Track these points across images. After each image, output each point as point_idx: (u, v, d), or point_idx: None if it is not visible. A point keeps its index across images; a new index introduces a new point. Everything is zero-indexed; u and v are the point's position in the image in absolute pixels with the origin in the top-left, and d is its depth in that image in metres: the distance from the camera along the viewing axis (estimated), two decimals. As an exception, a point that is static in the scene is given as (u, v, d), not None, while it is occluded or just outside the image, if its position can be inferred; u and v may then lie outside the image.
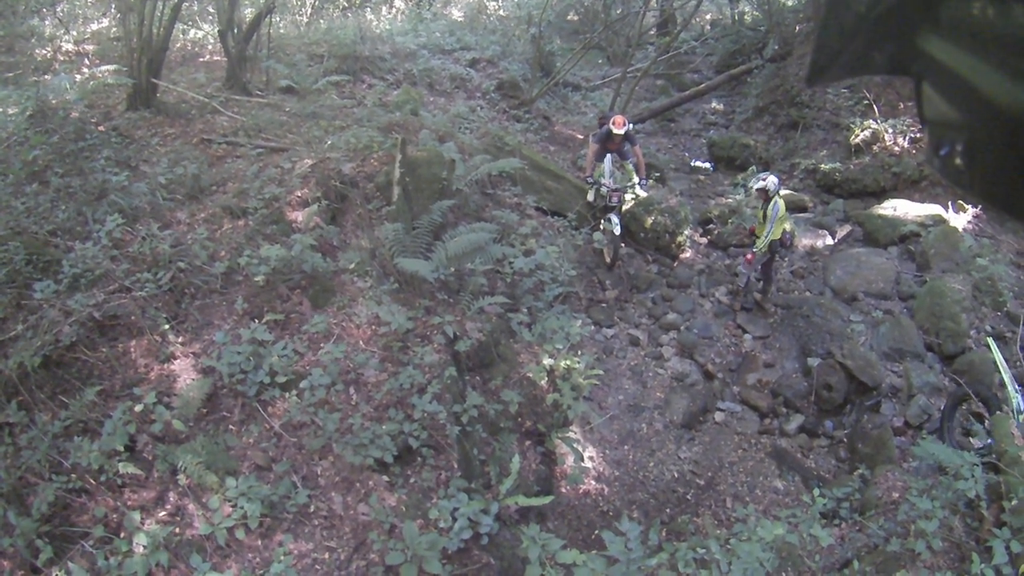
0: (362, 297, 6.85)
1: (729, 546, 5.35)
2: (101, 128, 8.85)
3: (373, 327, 6.60)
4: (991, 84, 0.57)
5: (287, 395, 6.04)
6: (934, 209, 10.94)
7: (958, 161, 0.66)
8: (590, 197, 10.25)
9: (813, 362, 8.66)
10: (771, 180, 8.82)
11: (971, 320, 8.90)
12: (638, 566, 4.97)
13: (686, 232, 10.81)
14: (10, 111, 8.23)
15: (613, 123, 9.56)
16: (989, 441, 6.55)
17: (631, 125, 9.94)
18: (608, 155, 10.00)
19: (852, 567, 5.66)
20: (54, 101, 8.61)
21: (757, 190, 8.91)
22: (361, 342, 6.49)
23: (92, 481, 5.45)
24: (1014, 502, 5.62)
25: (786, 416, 8.20)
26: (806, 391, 8.41)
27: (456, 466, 6.03)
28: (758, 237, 8.99)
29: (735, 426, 8.02)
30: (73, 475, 5.43)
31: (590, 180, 9.93)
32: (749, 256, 9.20)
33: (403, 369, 6.17)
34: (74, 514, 5.38)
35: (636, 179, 9.92)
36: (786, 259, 10.61)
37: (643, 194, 10.21)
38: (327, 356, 6.13)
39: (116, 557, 5.06)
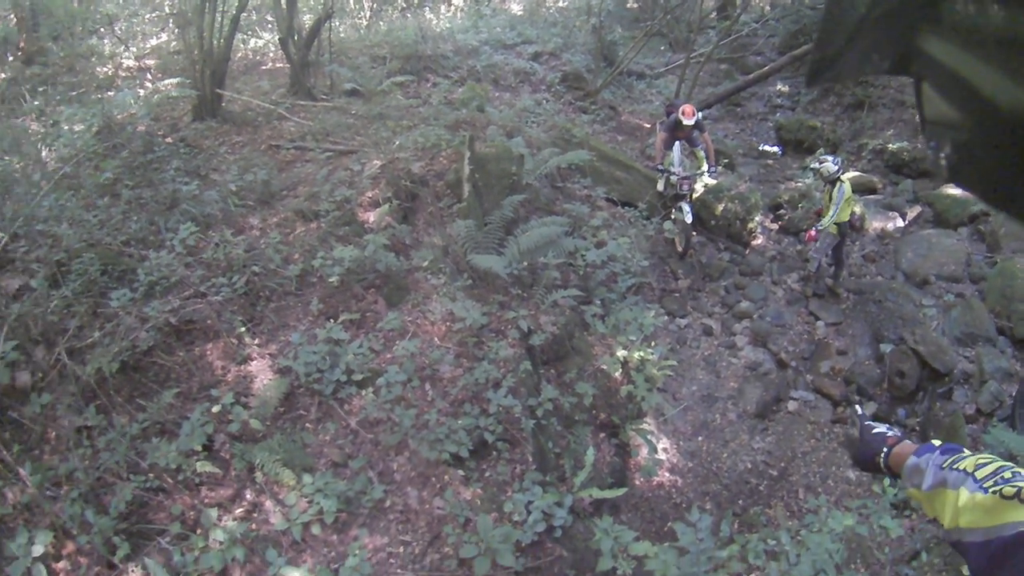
0: (436, 294, 6.94)
1: (799, 537, 5.31)
2: (168, 140, 9.09)
3: (448, 323, 6.69)
4: (991, 84, 0.57)
5: (363, 392, 6.15)
6: (1003, 187, 10.60)
7: (958, 161, 0.66)
8: (660, 186, 10.19)
9: (886, 348, 8.52)
10: (827, 164, 8.82)
11: (1045, 301, 8.63)
12: (708, 556, 4.98)
13: (757, 218, 10.69)
14: (76, 128, 8.51)
15: (682, 113, 9.43)
16: None
17: (700, 115, 9.81)
18: (677, 143, 9.91)
19: (920, 559, 5.59)
20: (119, 116, 8.90)
21: (816, 171, 9.18)
22: (436, 338, 6.59)
23: (169, 480, 5.62)
24: None
25: (859, 404, 8.03)
26: (879, 378, 8.28)
27: (531, 459, 6.08)
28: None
29: (808, 415, 7.90)
30: (151, 475, 5.61)
31: (660, 169, 9.83)
32: (811, 233, 9.19)
33: (478, 364, 6.24)
34: (151, 512, 5.55)
35: (706, 167, 9.84)
36: (856, 243, 10.45)
37: (712, 181, 10.14)
38: (402, 353, 6.24)
39: (192, 553, 5.21)
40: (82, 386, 5.91)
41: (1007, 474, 1.31)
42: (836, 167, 8.76)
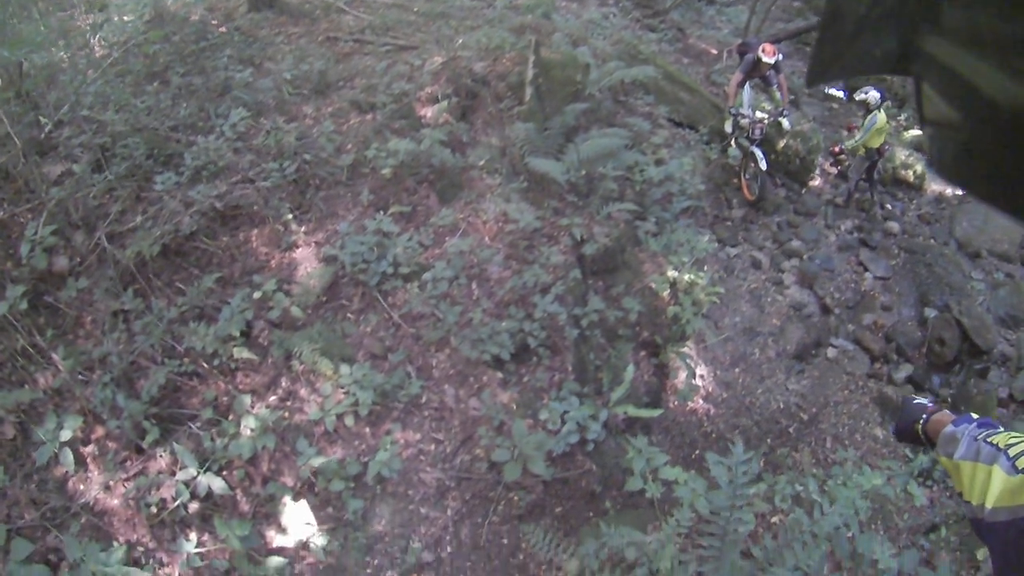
0: (490, 194, 6.82)
1: (826, 488, 5.25)
2: (223, 29, 8.95)
3: (500, 224, 6.57)
4: (991, 84, 0.56)
5: (408, 286, 6.09)
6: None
7: (958, 161, 0.65)
8: (728, 127, 9.84)
9: (930, 313, 8.36)
10: (872, 94, 9.15)
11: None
12: (738, 492, 4.94)
13: (817, 160, 10.39)
14: (126, 18, 8.38)
15: (763, 50, 9.04)
16: None
17: (781, 55, 9.42)
18: (747, 85, 9.56)
19: (939, 533, 5.52)
20: (172, 5, 8.72)
21: (859, 101, 9.31)
22: (487, 238, 6.49)
23: (204, 365, 5.63)
24: None
25: (896, 364, 7.95)
26: (919, 341, 8.13)
27: (570, 369, 6.03)
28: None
29: (845, 365, 7.77)
30: (186, 359, 5.63)
31: (731, 111, 9.45)
32: (836, 147, 10.21)
33: (527, 268, 6.15)
34: (184, 397, 5.59)
35: (781, 108, 9.52)
36: (914, 201, 10.29)
37: (788, 127, 9.81)
38: (452, 250, 6.16)
39: (223, 439, 5.25)
40: (121, 270, 5.91)
41: None
42: (877, 98, 9.09)
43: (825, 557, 4.73)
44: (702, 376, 7.05)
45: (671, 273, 6.90)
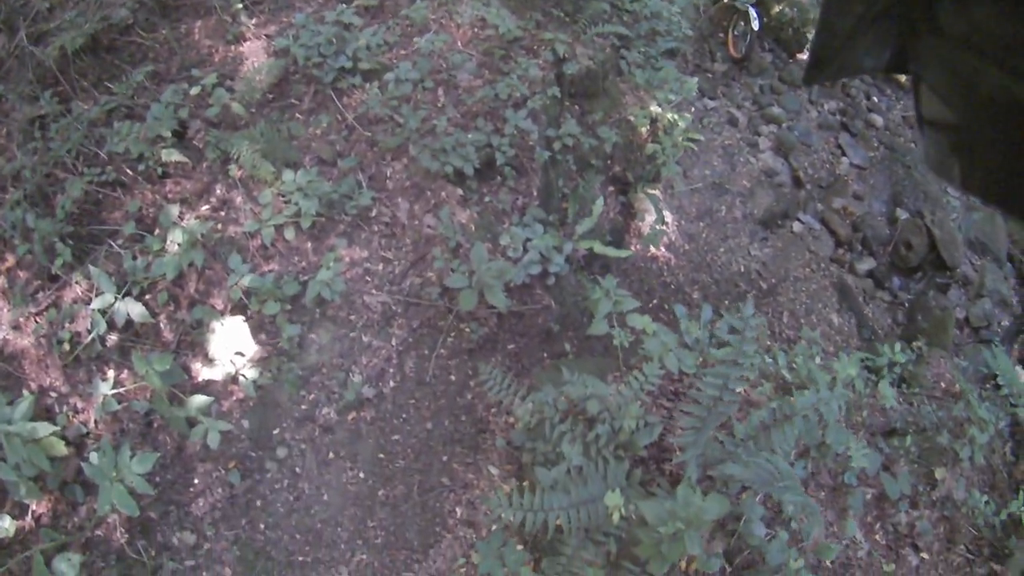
0: (468, -7, 6.18)
1: (795, 364, 5.09)
2: None
3: (476, 29, 5.96)
4: (989, 84, 0.57)
5: (368, 86, 5.46)
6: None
7: (955, 160, 0.65)
8: None
9: (901, 214, 8.22)
10: None
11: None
12: (703, 353, 4.69)
13: (810, 33, 9.92)
14: None
15: None
16: None
17: None
18: None
19: (903, 439, 5.42)
20: None
21: None
22: (459, 43, 5.87)
23: (129, 172, 5.04)
24: None
25: (860, 254, 7.88)
26: (886, 239, 8.03)
27: (535, 194, 5.58)
28: None
29: (810, 243, 7.63)
30: (108, 167, 5.00)
31: None
32: None
33: (502, 79, 5.57)
34: (105, 211, 5.02)
35: None
36: (901, 102, 9.95)
37: None
38: (422, 47, 5.57)
39: (145, 257, 4.73)
40: (43, 72, 5.18)
41: None
42: None
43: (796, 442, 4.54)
44: (666, 224, 6.72)
45: (654, 108, 6.45)
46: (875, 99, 9.87)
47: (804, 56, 9.92)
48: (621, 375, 4.85)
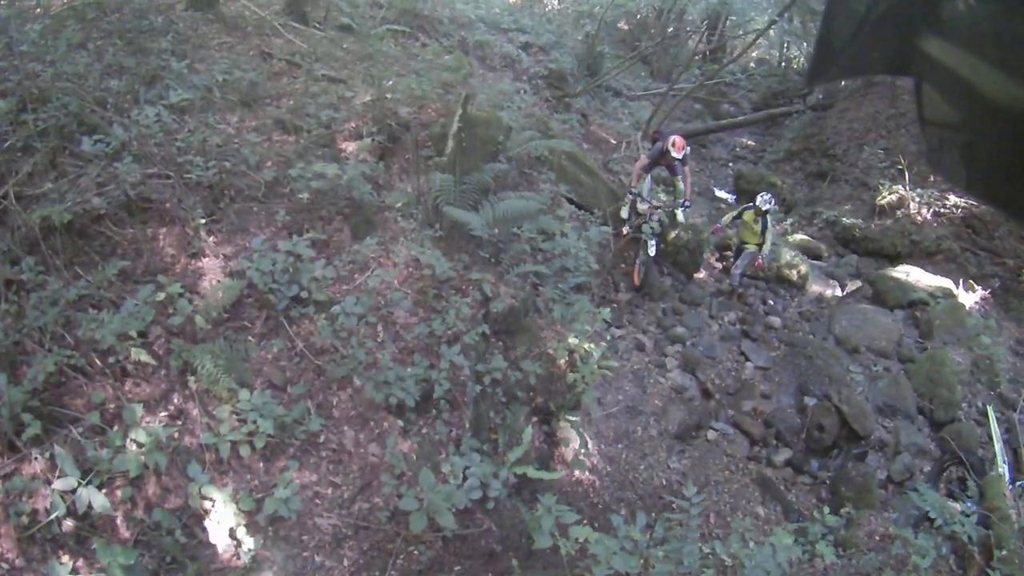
0: (404, 238, 6.75)
1: (732, 551, 5.30)
2: (161, 18, 8.65)
3: (410, 269, 6.50)
4: (990, 84, 0.58)
5: (317, 317, 5.87)
6: (945, 282, 11.11)
7: (957, 160, 0.66)
8: (624, 213, 10.13)
9: (809, 401, 8.70)
10: (761, 196, 10.07)
11: (965, 393, 9.05)
12: (643, 553, 4.93)
13: (705, 254, 10.88)
14: None
15: (673, 145, 9.41)
16: (973, 505, 6.87)
17: (688, 149, 9.87)
18: (648, 177, 10.00)
19: None
20: None
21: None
22: (396, 282, 6.37)
23: (96, 363, 5.24)
24: (1004, 552, 6.21)
25: (775, 448, 8.22)
26: (798, 427, 8.44)
27: (467, 426, 5.95)
28: (745, 243, 10.34)
29: (725, 447, 7.99)
30: (77, 352, 5.18)
31: (632, 192, 9.80)
32: (716, 226, 10.89)
33: (436, 317, 6.08)
34: (69, 395, 5.15)
35: (681, 200, 9.93)
36: (796, 299, 10.82)
37: (682, 219, 10.22)
38: (366, 284, 6.03)
39: (108, 450, 4.84)
40: (23, 236, 5.48)
41: None
42: (762, 198, 9.98)
43: None
44: (588, 448, 7.08)
45: (571, 340, 6.96)
46: (771, 302, 10.66)
47: (700, 275, 10.80)
48: (572, 584, 5.04)
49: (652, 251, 9.40)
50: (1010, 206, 0.62)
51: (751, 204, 10.18)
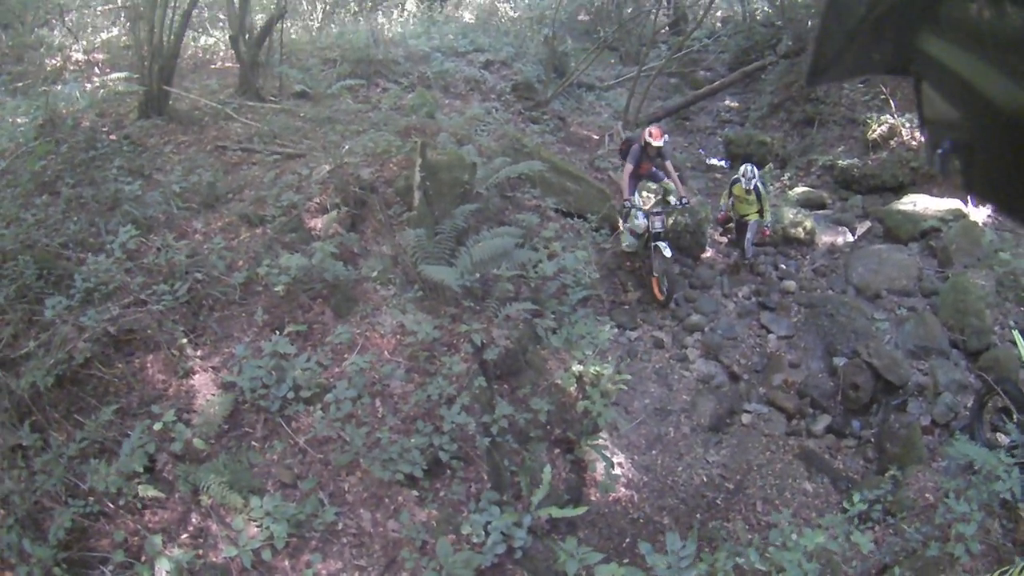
0: (386, 306, 6.72)
1: (768, 555, 5.23)
2: (113, 137, 8.72)
3: (398, 336, 6.48)
4: (990, 84, 0.58)
5: (311, 409, 5.89)
6: (954, 204, 10.71)
7: (957, 161, 0.66)
8: (626, 242, 9.71)
9: (839, 361, 8.51)
10: (744, 166, 10.21)
11: (995, 316, 8.70)
12: (678, 577, 4.86)
13: (707, 231, 10.68)
14: (19, 120, 8.13)
15: (650, 135, 9.08)
16: (1021, 437, 6.47)
17: (667, 136, 9.49)
18: (636, 194, 9.57)
19: (892, 572, 5.55)
20: (64, 110, 8.53)
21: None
22: (386, 352, 6.36)
23: (111, 505, 5.30)
24: None
25: (813, 416, 8.05)
26: (832, 391, 8.27)
27: (486, 478, 5.91)
28: (744, 216, 10.24)
29: (762, 428, 7.86)
30: (91, 499, 5.27)
31: (628, 204, 9.31)
32: (721, 214, 11.00)
33: (431, 380, 6.04)
34: (93, 539, 5.22)
35: (674, 199, 9.52)
36: (808, 256, 10.62)
37: (673, 201, 9.92)
38: (352, 368, 6.00)
39: None
40: (15, 401, 5.55)
41: None
42: (745, 169, 10.06)
43: None
44: (620, 464, 6.99)
45: (576, 367, 6.88)
46: (783, 266, 10.46)
47: (707, 254, 10.63)
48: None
49: (668, 253, 8.93)
50: (1010, 206, 0.63)
51: (737, 178, 10.05)
